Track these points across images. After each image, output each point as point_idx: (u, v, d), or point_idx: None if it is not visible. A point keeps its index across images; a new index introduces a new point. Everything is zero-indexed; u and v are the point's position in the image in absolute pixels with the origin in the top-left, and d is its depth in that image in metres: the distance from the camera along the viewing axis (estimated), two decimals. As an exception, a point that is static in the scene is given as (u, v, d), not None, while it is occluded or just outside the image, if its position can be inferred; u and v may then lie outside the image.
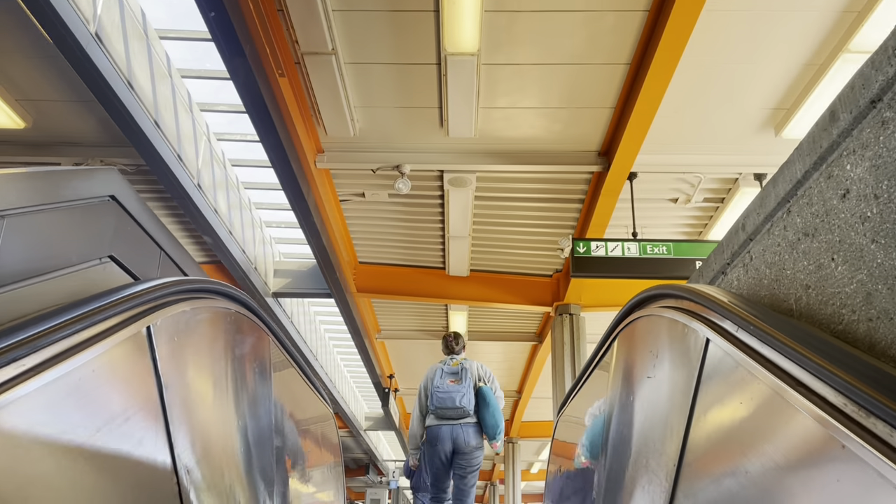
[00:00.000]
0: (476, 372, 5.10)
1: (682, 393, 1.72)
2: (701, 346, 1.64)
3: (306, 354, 11.95)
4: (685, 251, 6.97)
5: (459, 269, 9.36)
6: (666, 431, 1.79)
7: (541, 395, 15.63)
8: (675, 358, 1.85)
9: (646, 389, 2.04)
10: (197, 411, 1.88)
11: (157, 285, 1.73)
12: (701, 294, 1.75)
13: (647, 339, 2.14)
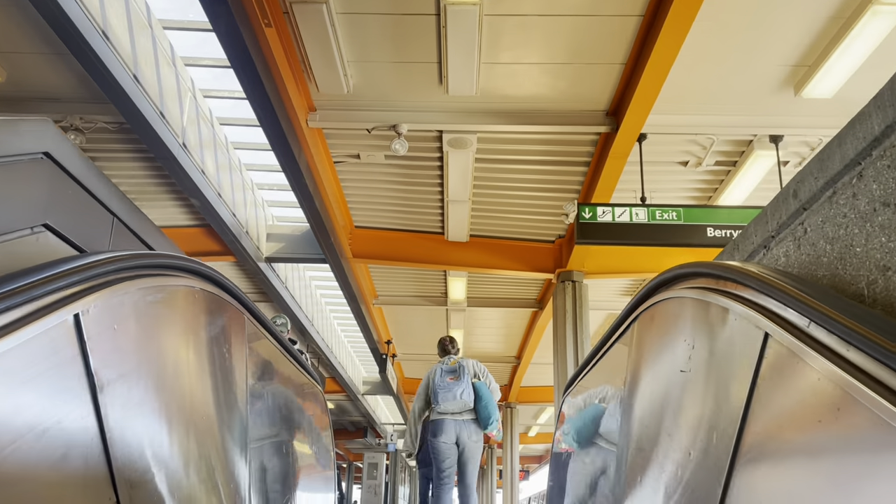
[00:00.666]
0: (472, 369, 5.44)
1: (729, 395, 1.41)
2: (757, 341, 1.33)
3: (301, 320, 11.71)
4: (696, 217, 6.64)
5: (459, 234, 9.04)
6: (708, 436, 1.49)
7: (540, 360, 15.47)
8: (720, 352, 1.54)
9: (678, 384, 1.74)
10: (146, 414, 1.57)
11: (88, 262, 1.41)
12: (753, 275, 1.43)
13: (679, 324, 1.83)
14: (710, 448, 1.45)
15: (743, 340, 1.41)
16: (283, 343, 2.93)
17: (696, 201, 8.33)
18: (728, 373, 1.44)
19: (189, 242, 9.45)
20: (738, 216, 6.69)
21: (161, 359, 1.67)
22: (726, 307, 1.53)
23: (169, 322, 1.74)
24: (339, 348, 15.61)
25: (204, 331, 1.96)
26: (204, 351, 1.95)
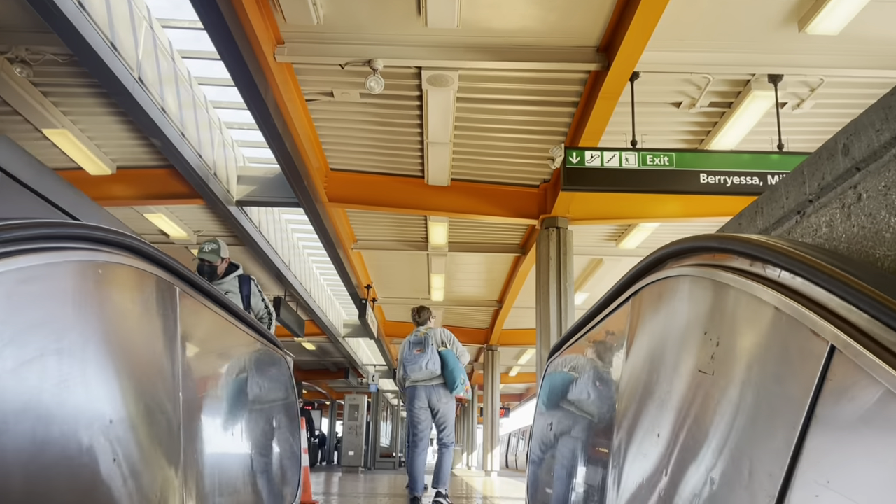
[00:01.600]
0: (438, 338, 6.00)
1: (773, 424, 1.07)
2: (816, 356, 0.99)
3: (277, 265, 11.34)
4: (689, 162, 6.28)
5: (439, 178, 8.63)
6: (735, 463, 1.17)
7: (522, 305, 15.29)
8: (757, 359, 1.20)
9: (693, 386, 1.41)
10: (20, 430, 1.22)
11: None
12: (812, 264, 1.08)
13: (697, 311, 1.49)
14: (741, 481, 1.13)
15: (794, 350, 1.07)
16: (236, 313, 2.57)
17: (687, 145, 7.96)
18: (770, 390, 1.11)
19: (154, 184, 8.97)
20: (733, 161, 6.34)
21: (28, 354, 1.30)
22: (766, 300, 1.18)
23: (48, 307, 1.37)
24: (319, 292, 15.32)
25: (109, 311, 1.59)
26: (109, 335, 1.58)
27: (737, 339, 1.26)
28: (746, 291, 1.25)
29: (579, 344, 2.76)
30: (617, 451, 1.93)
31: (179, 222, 10.95)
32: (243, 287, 4.95)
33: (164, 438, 1.81)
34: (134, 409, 1.64)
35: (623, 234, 10.72)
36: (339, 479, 12.84)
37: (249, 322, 2.78)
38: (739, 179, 6.22)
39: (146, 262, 1.81)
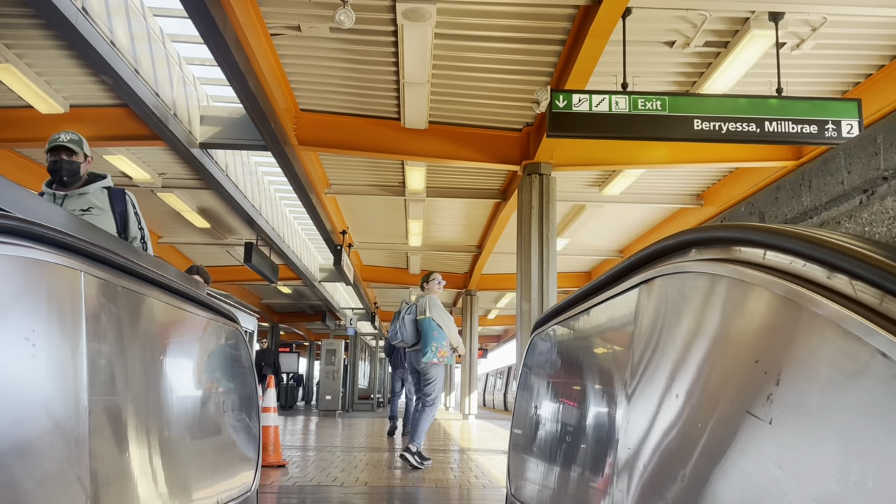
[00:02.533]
0: (423, 306, 6.51)
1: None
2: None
3: (247, 210, 10.86)
4: (683, 107, 5.88)
5: (416, 120, 8.14)
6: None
7: (502, 250, 15.01)
8: (848, 410, 0.84)
9: (736, 426, 1.06)
10: None
11: None
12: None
13: (743, 329, 1.13)
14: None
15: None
16: (171, 288, 2.18)
17: (678, 87, 7.53)
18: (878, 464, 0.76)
19: (111, 124, 8.38)
20: (729, 106, 5.95)
21: None
22: (866, 339, 0.82)
23: None
24: (293, 237, 14.87)
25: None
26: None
27: (813, 387, 0.91)
28: (828, 318, 0.89)
29: (571, 324, 2.41)
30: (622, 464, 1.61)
31: (142, 164, 10.37)
32: (116, 203, 3.88)
33: (61, 452, 1.45)
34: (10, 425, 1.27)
35: (607, 180, 10.36)
36: (316, 427, 12.71)
37: (189, 296, 2.39)
38: (735, 126, 5.84)
39: (41, 244, 1.41)
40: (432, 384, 6.42)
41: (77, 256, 1.60)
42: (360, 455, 7.18)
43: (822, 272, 0.93)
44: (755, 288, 1.10)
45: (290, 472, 5.57)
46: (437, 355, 6.35)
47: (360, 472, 5.65)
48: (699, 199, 11.45)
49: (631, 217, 12.96)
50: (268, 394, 6.20)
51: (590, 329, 2.19)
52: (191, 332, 2.34)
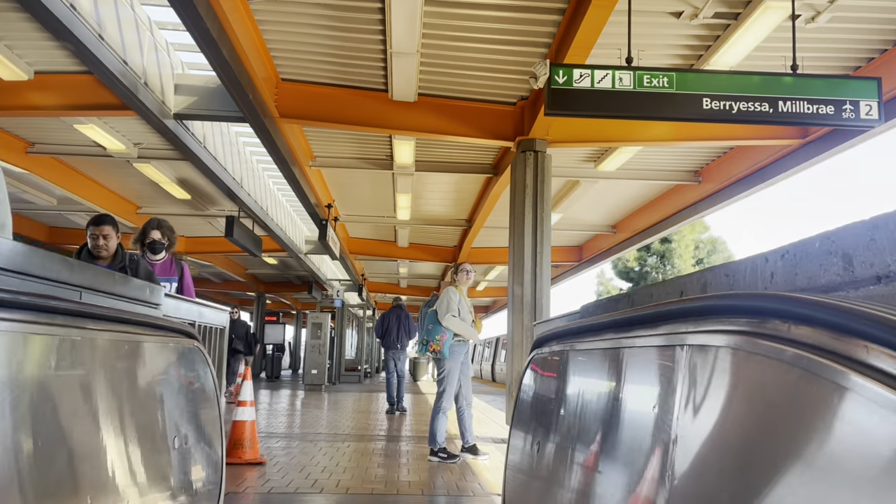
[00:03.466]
0: (440, 300, 6.29)
1: None
2: None
3: (228, 183, 10.38)
4: (691, 84, 5.45)
5: (405, 92, 7.67)
6: None
7: (493, 224, 14.64)
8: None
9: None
10: None
11: None
12: None
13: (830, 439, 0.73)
14: None
15: None
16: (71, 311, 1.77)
17: (683, 62, 7.10)
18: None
19: (79, 93, 7.86)
20: (741, 84, 5.53)
21: None
22: None
23: None
24: (277, 209, 14.40)
25: None
26: None
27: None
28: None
29: (588, 355, 2.04)
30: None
31: (116, 134, 9.84)
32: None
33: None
34: None
35: (603, 156, 9.94)
36: (301, 404, 12.41)
37: (116, 318, 1.99)
38: (747, 105, 5.43)
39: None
40: (443, 378, 6.22)
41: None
42: (344, 447, 6.87)
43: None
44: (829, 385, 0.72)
45: (268, 473, 5.23)
46: (429, 349, 6.16)
47: (342, 473, 5.32)
48: (697, 175, 11.07)
49: (626, 192, 12.58)
50: (244, 387, 5.83)
51: (615, 371, 1.81)
52: (118, 366, 1.95)
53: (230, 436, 5.62)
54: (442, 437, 6.11)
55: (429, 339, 6.19)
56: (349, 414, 10.75)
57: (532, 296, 7.56)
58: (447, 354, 6.11)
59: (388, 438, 7.65)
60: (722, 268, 1.76)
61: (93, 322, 1.82)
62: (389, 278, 26.25)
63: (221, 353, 4.30)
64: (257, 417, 9.42)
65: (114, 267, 4.12)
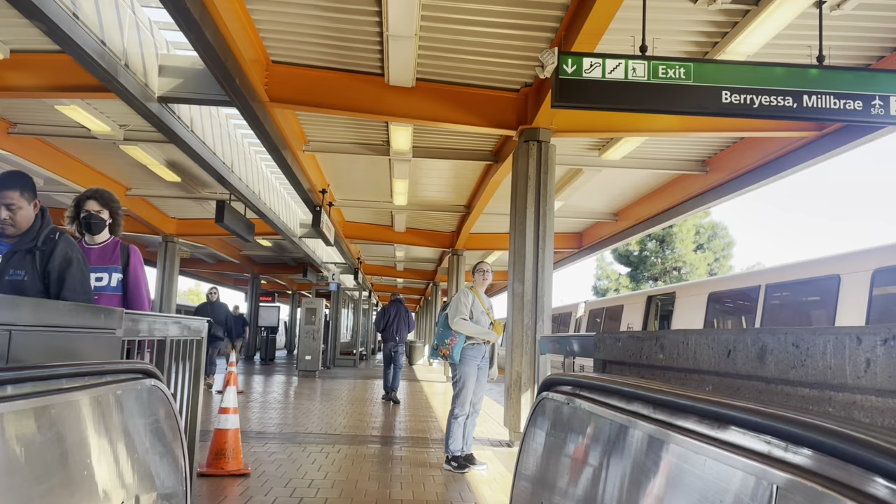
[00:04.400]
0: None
1: None
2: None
3: (218, 168, 9.98)
4: (711, 76, 5.07)
5: (402, 77, 7.25)
6: None
7: (492, 211, 14.29)
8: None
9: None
10: None
11: None
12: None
13: None
14: None
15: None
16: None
17: (697, 49, 6.69)
18: None
19: (58, 73, 7.45)
20: (763, 76, 5.15)
21: None
22: None
23: None
24: (270, 193, 14.00)
25: None
26: None
27: None
28: None
29: (611, 424, 1.70)
30: None
31: (101, 116, 9.43)
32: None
33: None
34: None
35: (608, 145, 9.55)
36: (294, 395, 12.11)
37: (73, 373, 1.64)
38: (769, 99, 5.05)
39: None
40: (456, 383, 5.96)
41: None
42: (335, 452, 6.56)
43: None
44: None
45: (251, 487, 4.92)
46: (440, 353, 5.91)
47: (330, 488, 5.00)
48: (704, 164, 10.69)
49: (630, 181, 12.21)
50: (227, 393, 5.49)
51: (651, 461, 1.46)
52: (39, 439, 1.59)
53: (212, 445, 5.29)
54: (456, 444, 5.85)
55: (439, 344, 5.91)
56: (342, 406, 10.45)
57: (533, 294, 7.22)
58: (457, 360, 5.81)
59: (381, 440, 7.35)
60: (789, 334, 1.41)
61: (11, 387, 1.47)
62: (386, 261, 25.90)
63: (199, 368, 3.95)
64: (246, 410, 9.12)
65: (20, 248, 3.04)
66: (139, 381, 2.19)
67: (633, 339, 2.33)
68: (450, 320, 5.86)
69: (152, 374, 2.31)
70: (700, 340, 1.80)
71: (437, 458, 6.33)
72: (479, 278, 6.11)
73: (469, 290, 6.04)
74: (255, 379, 15.93)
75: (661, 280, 39.32)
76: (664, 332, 2.07)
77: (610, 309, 15.24)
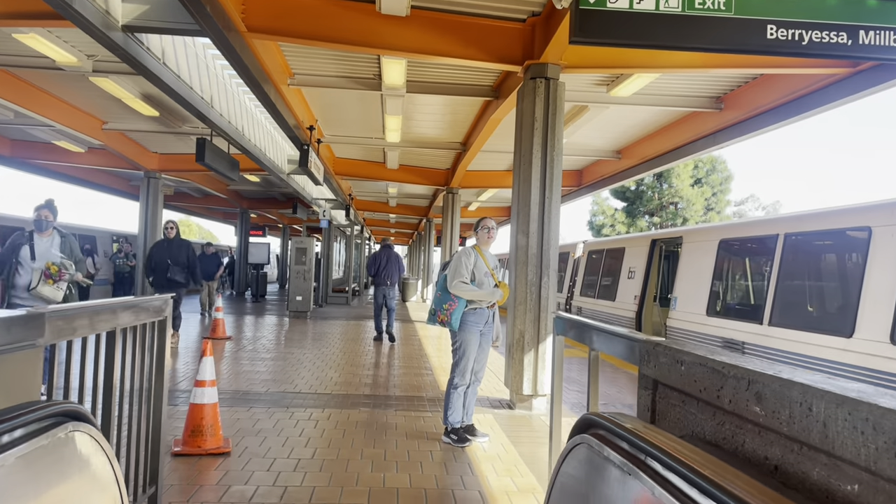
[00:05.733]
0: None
1: None
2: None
3: (195, 104, 9.20)
4: (754, 7, 4.37)
5: (395, 5, 6.46)
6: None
7: (490, 149, 13.59)
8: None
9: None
10: None
11: None
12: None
13: None
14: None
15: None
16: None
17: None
18: None
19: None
20: (813, 7, 4.45)
21: None
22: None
23: None
24: (255, 129, 13.19)
25: None
26: None
27: None
28: None
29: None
30: None
31: (64, 45, 8.59)
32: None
33: None
34: None
35: (618, 81, 8.81)
36: (284, 341, 11.69)
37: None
38: (821, 35, 4.38)
39: None
40: (456, 350, 5.42)
41: None
42: (326, 420, 6.14)
43: None
44: None
45: (230, 470, 4.46)
46: (437, 320, 5.32)
47: (319, 471, 4.56)
48: (719, 102, 9.99)
49: (637, 117, 11.49)
50: (203, 364, 4.96)
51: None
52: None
53: (188, 421, 4.81)
54: (456, 416, 5.38)
55: (436, 309, 5.34)
56: (334, 356, 10.03)
57: (538, 247, 6.65)
58: (456, 327, 5.27)
59: (373, 401, 6.91)
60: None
61: None
62: (378, 197, 25.20)
63: (162, 354, 3.40)
64: (233, 362, 8.67)
65: None
66: (57, 429, 1.64)
67: (706, 368, 1.78)
68: (448, 283, 5.30)
69: (78, 415, 1.76)
70: (838, 413, 1.25)
71: (434, 427, 5.90)
72: (483, 236, 5.51)
73: (472, 249, 5.45)
74: (245, 321, 15.51)
75: (657, 215, 38.84)
76: (762, 376, 1.51)
77: (611, 251, 14.71)
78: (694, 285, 10.30)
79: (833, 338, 6.77)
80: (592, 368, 2.99)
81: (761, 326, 8.12)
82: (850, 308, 6.68)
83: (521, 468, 4.78)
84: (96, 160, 16.85)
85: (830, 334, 6.84)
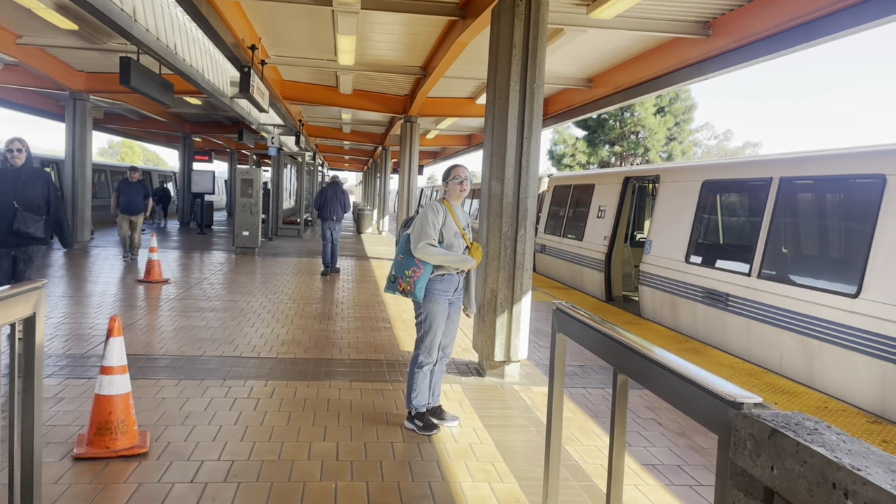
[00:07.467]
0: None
1: None
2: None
3: (115, 17, 7.84)
4: None
5: None
6: None
7: (453, 74, 12.48)
8: None
9: None
10: None
11: None
12: None
13: None
14: None
15: None
16: None
17: None
18: None
19: None
20: None
21: None
22: None
23: None
24: (191, 46, 11.73)
25: None
26: None
27: None
28: None
29: None
30: None
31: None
32: None
33: None
34: None
35: (600, 1, 7.79)
36: (226, 286, 10.71)
37: None
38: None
39: None
40: (420, 323, 4.56)
41: None
42: (268, 398, 5.32)
43: None
44: None
45: (143, 485, 3.62)
46: (398, 288, 4.42)
47: (256, 481, 3.75)
48: (706, 27, 9.06)
49: (615, 43, 10.50)
50: (110, 346, 4.02)
51: None
52: None
53: (93, 416, 3.91)
54: (421, 399, 4.59)
55: (397, 276, 4.43)
56: (282, 304, 9.15)
57: (514, 195, 5.78)
58: (421, 298, 4.38)
59: (324, 370, 6.10)
60: None
61: None
62: (331, 123, 23.76)
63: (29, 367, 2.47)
64: (167, 311, 7.71)
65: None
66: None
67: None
68: (412, 246, 4.39)
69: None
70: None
71: (395, 405, 5.13)
72: (455, 188, 4.56)
73: (440, 203, 4.53)
74: (186, 259, 14.39)
75: (618, 144, 38.15)
76: None
77: (578, 187, 13.90)
78: (672, 229, 9.60)
79: (835, 297, 6.15)
80: (620, 400, 2.17)
81: (748, 279, 7.48)
82: (856, 265, 6.03)
83: (498, 466, 4.06)
84: (14, 78, 15.12)
85: (832, 293, 6.22)
